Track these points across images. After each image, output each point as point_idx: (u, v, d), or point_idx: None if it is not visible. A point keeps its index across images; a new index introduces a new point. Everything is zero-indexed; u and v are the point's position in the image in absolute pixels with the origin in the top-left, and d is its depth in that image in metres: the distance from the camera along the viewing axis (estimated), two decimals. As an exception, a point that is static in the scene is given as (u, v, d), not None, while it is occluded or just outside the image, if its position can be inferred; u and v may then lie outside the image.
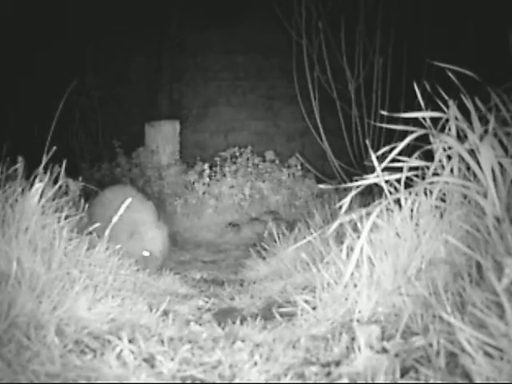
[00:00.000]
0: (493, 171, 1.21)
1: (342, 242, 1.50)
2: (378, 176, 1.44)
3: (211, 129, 4.92)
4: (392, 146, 1.43)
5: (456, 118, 1.38)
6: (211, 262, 2.79)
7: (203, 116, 4.92)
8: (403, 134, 1.44)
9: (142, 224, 2.14)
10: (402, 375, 0.93)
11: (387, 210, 1.43)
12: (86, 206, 2.04)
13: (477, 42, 3.31)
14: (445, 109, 1.41)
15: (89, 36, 4.43)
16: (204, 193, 3.89)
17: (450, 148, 1.38)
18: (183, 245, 3.24)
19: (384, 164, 1.43)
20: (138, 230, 2.12)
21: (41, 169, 1.67)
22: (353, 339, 1.13)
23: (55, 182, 1.73)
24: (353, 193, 1.46)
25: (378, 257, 1.35)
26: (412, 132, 1.41)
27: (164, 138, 4.36)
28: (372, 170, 1.49)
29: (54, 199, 1.66)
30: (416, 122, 1.50)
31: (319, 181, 3.73)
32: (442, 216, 1.36)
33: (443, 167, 1.40)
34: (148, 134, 4.38)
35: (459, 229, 1.28)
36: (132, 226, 2.11)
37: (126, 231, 2.09)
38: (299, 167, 4.03)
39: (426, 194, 1.40)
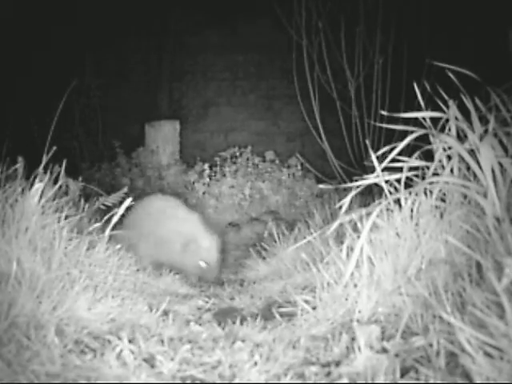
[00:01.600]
0: (493, 171, 1.21)
1: (342, 242, 1.50)
2: (378, 176, 1.44)
3: (211, 129, 4.92)
4: (392, 146, 1.43)
5: (456, 118, 1.38)
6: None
7: (203, 116, 4.92)
8: (403, 134, 1.44)
9: (195, 235, 2.12)
10: (402, 375, 0.93)
11: (387, 210, 1.43)
12: (86, 206, 2.04)
13: (477, 41, 3.31)
14: (445, 109, 1.41)
15: (88, 36, 4.43)
16: (204, 193, 3.89)
17: (450, 148, 1.38)
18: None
19: (384, 164, 1.43)
20: (192, 241, 2.09)
21: (41, 169, 1.67)
22: (353, 339, 1.13)
23: (55, 182, 1.73)
24: (353, 193, 1.46)
25: (378, 257, 1.35)
26: (412, 132, 1.41)
27: (164, 138, 4.36)
28: (372, 170, 1.49)
29: (54, 199, 1.66)
30: (416, 122, 1.50)
31: (319, 181, 3.73)
32: (442, 216, 1.36)
33: (443, 167, 1.40)
34: (148, 134, 4.38)
35: (459, 229, 1.28)
36: (184, 238, 2.09)
37: (178, 243, 2.08)
38: (299, 167, 4.03)
39: (426, 194, 1.40)
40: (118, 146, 4.19)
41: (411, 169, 1.45)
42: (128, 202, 1.86)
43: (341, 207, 1.49)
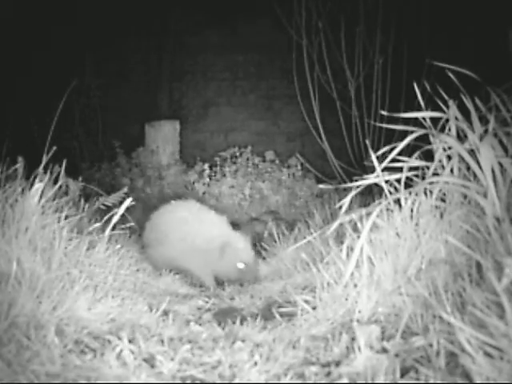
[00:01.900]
0: (493, 171, 1.21)
1: (342, 242, 1.50)
2: (378, 176, 1.44)
3: (211, 129, 4.92)
4: (392, 146, 1.43)
5: (456, 118, 1.38)
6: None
7: (203, 116, 4.92)
8: (403, 134, 1.44)
9: (228, 237, 2.04)
10: (402, 375, 0.93)
11: (387, 210, 1.43)
12: (86, 206, 2.04)
13: (477, 41, 3.31)
14: (445, 109, 1.41)
15: (89, 36, 4.43)
16: (204, 193, 3.89)
17: (450, 148, 1.38)
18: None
19: (384, 164, 1.43)
20: (226, 244, 2.01)
21: (41, 169, 1.67)
22: (353, 339, 1.13)
23: (55, 182, 1.73)
24: (353, 193, 1.46)
25: (378, 257, 1.35)
26: (412, 132, 1.41)
27: (164, 138, 4.36)
28: (372, 170, 1.49)
29: (54, 199, 1.66)
30: (416, 122, 1.50)
31: (319, 181, 3.73)
32: (442, 216, 1.36)
33: (443, 167, 1.40)
34: (148, 134, 4.38)
35: (459, 229, 1.28)
36: (218, 242, 2.01)
37: (213, 249, 2.00)
38: (299, 167, 4.03)
39: (426, 194, 1.40)
40: (118, 146, 4.19)
41: (411, 169, 1.45)
42: (128, 201, 1.86)
43: (341, 207, 1.49)
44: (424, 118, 1.48)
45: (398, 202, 1.43)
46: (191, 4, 4.68)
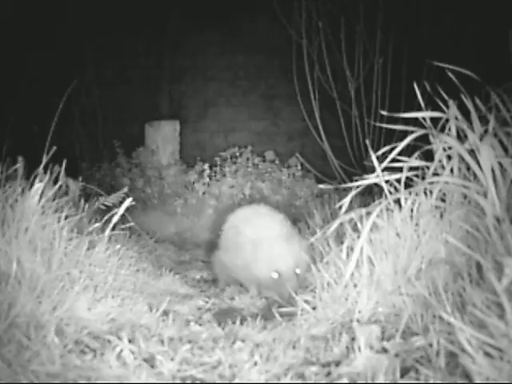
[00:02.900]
0: (493, 171, 1.21)
1: (342, 242, 1.50)
2: (377, 176, 1.44)
3: (211, 129, 4.92)
4: (392, 146, 1.43)
5: (456, 118, 1.38)
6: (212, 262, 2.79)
7: (203, 116, 4.92)
8: (403, 134, 1.44)
9: (272, 236, 1.75)
10: (402, 375, 0.93)
11: (387, 210, 1.43)
12: (86, 206, 2.03)
13: (477, 42, 3.31)
14: (445, 109, 1.41)
15: (88, 36, 4.43)
16: (204, 193, 3.89)
17: (450, 148, 1.38)
18: (183, 245, 3.24)
19: (384, 164, 1.43)
20: (264, 243, 1.74)
21: (41, 169, 1.67)
22: (353, 339, 1.13)
23: (55, 182, 1.73)
24: (353, 193, 1.46)
25: (378, 257, 1.35)
26: (412, 132, 1.41)
27: (164, 138, 4.36)
28: (372, 170, 1.49)
29: (54, 199, 1.66)
30: (416, 122, 1.50)
31: (319, 181, 3.73)
32: (442, 216, 1.36)
33: (443, 167, 1.40)
34: (148, 134, 4.38)
35: (459, 229, 1.28)
36: (255, 241, 1.76)
37: (248, 248, 1.77)
38: (299, 167, 4.02)
39: (426, 194, 1.40)
40: (118, 146, 4.18)
41: (411, 169, 1.45)
42: (128, 201, 1.86)
43: (341, 207, 1.49)
44: (424, 118, 1.48)
45: (398, 201, 1.43)
46: (191, 4, 4.69)
